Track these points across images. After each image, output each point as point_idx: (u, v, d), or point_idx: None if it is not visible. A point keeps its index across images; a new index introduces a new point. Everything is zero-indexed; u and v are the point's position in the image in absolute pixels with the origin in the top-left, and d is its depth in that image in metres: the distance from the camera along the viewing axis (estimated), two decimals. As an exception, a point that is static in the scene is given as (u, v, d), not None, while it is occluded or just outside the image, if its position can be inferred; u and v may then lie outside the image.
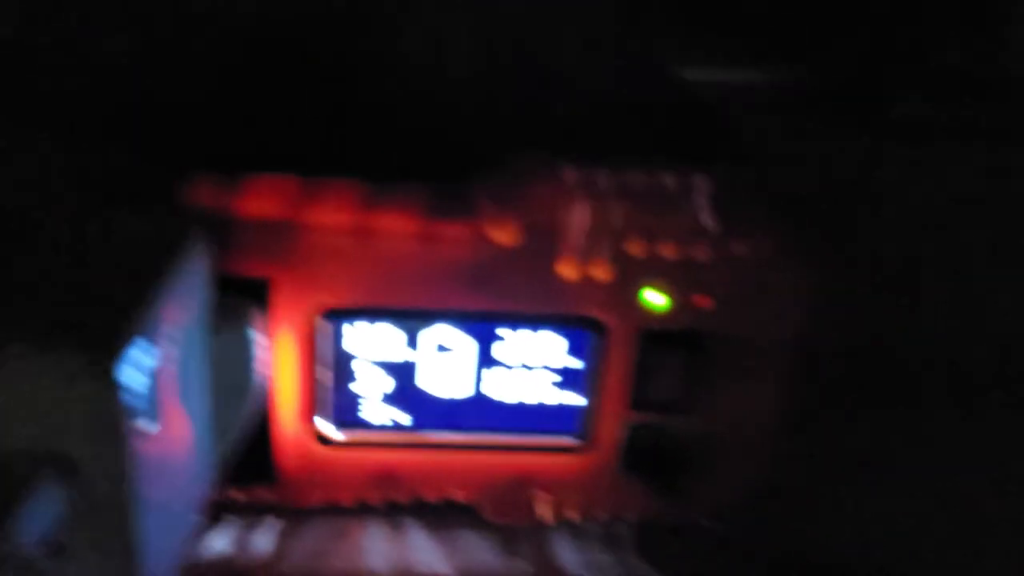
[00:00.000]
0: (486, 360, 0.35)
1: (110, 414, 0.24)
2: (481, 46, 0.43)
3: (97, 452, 0.25)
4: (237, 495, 0.37)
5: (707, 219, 0.33)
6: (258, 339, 0.32)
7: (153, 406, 0.27)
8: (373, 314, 0.34)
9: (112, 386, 0.24)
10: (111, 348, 0.24)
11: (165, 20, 0.41)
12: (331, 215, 0.33)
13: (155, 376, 0.26)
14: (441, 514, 0.38)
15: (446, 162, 0.35)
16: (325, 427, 0.36)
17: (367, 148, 0.36)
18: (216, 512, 0.38)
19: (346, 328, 0.34)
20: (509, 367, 0.35)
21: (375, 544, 0.37)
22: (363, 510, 0.38)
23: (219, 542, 0.37)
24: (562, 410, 0.36)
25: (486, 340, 0.35)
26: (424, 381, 0.36)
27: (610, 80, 0.40)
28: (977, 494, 0.41)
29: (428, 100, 0.39)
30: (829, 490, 0.40)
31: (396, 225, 0.33)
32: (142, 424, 0.26)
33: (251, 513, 0.38)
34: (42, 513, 0.24)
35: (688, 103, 0.39)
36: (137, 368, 0.25)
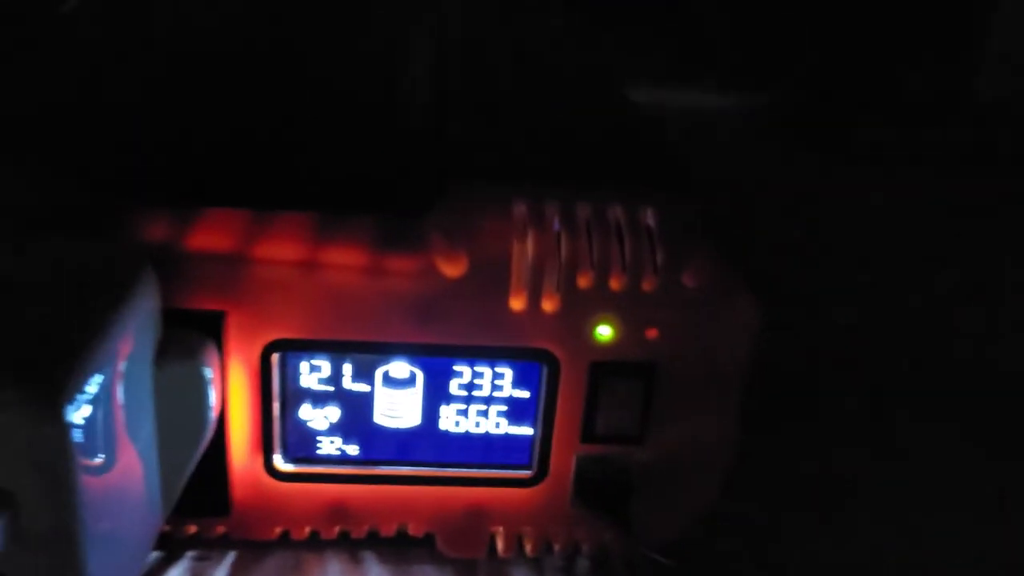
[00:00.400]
0: (437, 392, 0.35)
1: (56, 451, 0.24)
2: (430, 78, 0.43)
3: (43, 487, 0.25)
4: (191, 528, 0.37)
5: (656, 250, 0.33)
6: (209, 373, 0.32)
7: (100, 442, 0.27)
8: (324, 347, 0.34)
9: (59, 423, 0.24)
10: (58, 384, 0.24)
11: (113, 47, 0.41)
12: (282, 248, 0.33)
13: (103, 412, 0.26)
14: (400, 548, 0.38)
15: (396, 195, 0.35)
16: (276, 460, 0.36)
17: (317, 181, 0.36)
18: (170, 545, 0.37)
19: (297, 361, 0.35)
20: (460, 399, 0.36)
21: (332, 578, 0.37)
22: (321, 544, 0.38)
23: (173, 575, 0.37)
24: (514, 442, 0.36)
25: (437, 372, 0.35)
26: (375, 414, 0.36)
27: (562, 111, 0.41)
28: (934, 517, 0.42)
29: (378, 132, 0.40)
30: (783, 520, 0.41)
31: (345, 258, 0.33)
32: (89, 460, 0.26)
33: (205, 546, 0.38)
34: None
35: (639, 133, 0.40)
36: (85, 404, 0.25)
